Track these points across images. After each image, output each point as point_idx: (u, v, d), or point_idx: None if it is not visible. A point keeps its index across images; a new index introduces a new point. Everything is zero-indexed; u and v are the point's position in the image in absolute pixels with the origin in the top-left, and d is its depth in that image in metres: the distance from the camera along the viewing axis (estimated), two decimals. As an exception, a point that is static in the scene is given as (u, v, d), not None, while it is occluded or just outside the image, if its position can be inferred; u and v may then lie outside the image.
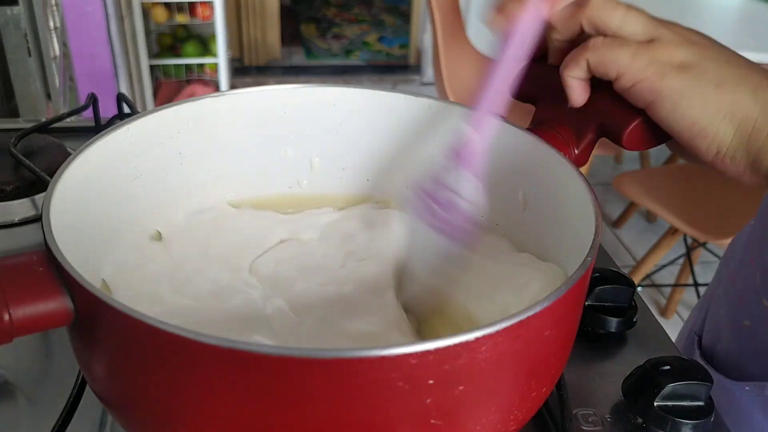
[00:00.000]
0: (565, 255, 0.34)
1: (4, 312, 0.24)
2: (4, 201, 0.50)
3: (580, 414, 0.36)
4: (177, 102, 0.37)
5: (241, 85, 2.75)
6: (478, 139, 0.33)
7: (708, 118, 0.33)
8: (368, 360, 0.22)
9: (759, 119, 0.32)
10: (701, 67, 0.33)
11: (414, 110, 0.40)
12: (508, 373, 0.25)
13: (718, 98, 0.32)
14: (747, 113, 0.32)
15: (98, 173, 0.33)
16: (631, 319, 0.42)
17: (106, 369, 0.26)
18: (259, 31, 2.87)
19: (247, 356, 0.21)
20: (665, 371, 0.35)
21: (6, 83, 0.89)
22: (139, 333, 0.23)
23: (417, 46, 3.06)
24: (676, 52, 0.33)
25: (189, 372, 0.23)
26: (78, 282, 0.24)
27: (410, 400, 0.23)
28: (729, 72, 0.33)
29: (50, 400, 0.36)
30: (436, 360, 0.22)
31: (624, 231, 2.01)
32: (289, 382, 0.22)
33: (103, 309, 0.23)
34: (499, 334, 0.23)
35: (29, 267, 0.25)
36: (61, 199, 0.29)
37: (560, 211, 0.34)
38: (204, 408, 0.24)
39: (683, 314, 1.72)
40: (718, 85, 0.32)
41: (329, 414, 0.23)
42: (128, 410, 0.27)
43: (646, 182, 1.46)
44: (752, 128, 0.32)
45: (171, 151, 0.38)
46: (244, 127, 0.40)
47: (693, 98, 0.33)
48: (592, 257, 0.27)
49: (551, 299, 0.24)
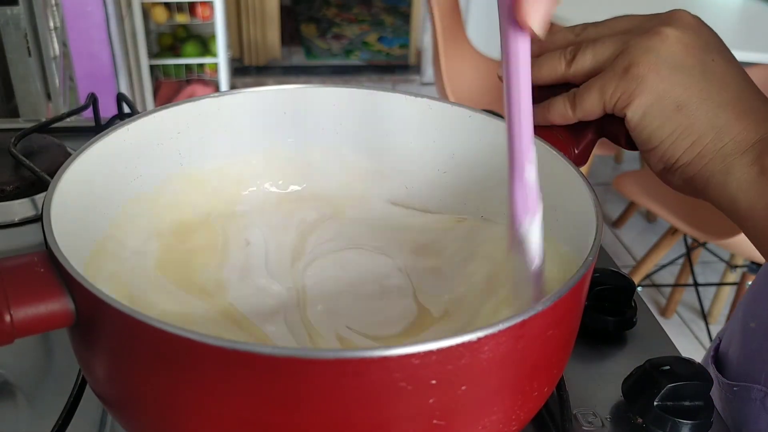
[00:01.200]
0: (565, 254, 0.34)
1: (5, 313, 0.24)
2: (5, 201, 0.50)
3: (579, 414, 0.36)
4: (176, 102, 0.37)
5: (241, 85, 2.76)
6: (529, 178, 0.30)
7: (661, 138, 0.34)
8: (371, 360, 0.22)
9: (709, 144, 0.33)
10: (669, 79, 0.33)
11: (413, 110, 0.40)
12: (511, 373, 0.25)
13: (675, 120, 0.33)
14: (699, 137, 0.33)
15: (98, 174, 0.33)
16: (631, 319, 0.42)
17: (107, 369, 0.26)
18: (259, 31, 2.87)
19: (248, 357, 0.21)
20: (665, 371, 0.35)
21: (6, 83, 0.89)
22: (140, 334, 0.23)
23: (417, 46, 3.06)
24: (641, 65, 0.33)
25: (191, 373, 0.23)
26: (79, 283, 0.24)
27: (413, 400, 0.23)
28: (697, 88, 0.33)
29: (50, 399, 0.36)
30: (439, 360, 0.22)
31: (624, 231, 2.01)
32: (291, 383, 0.22)
33: (105, 310, 0.23)
34: (502, 333, 0.23)
35: (30, 268, 0.25)
36: (62, 200, 0.29)
37: (561, 211, 0.34)
38: (205, 408, 0.24)
39: (683, 314, 1.72)
40: (678, 107, 0.33)
41: (332, 414, 0.23)
42: (129, 410, 0.27)
43: (646, 182, 1.46)
44: (698, 153, 0.33)
45: (171, 151, 0.38)
46: (244, 128, 0.40)
47: (651, 119, 0.34)
48: (593, 257, 0.27)
49: (553, 299, 0.24)
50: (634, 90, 0.33)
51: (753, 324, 0.41)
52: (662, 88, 0.33)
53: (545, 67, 0.36)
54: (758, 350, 0.40)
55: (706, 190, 0.33)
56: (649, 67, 0.33)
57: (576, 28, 0.37)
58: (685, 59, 0.33)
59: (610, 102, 0.34)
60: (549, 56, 0.36)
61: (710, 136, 0.33)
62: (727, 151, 0.32)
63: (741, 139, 0.32)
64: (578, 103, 0.35)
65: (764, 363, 0.39)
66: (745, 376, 0.40)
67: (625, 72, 0.33)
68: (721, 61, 0.34)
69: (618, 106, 0.34)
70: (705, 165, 0.33)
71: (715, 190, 0.33)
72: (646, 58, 0.33)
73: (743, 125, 0.32)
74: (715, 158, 0.32)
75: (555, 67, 0.36)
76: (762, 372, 0.39)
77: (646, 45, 0.33)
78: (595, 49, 0.35)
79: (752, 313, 0.42)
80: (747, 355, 0.41)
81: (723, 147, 0.32)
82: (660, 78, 0.33)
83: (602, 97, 0.34)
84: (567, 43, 0.37)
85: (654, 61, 0.33)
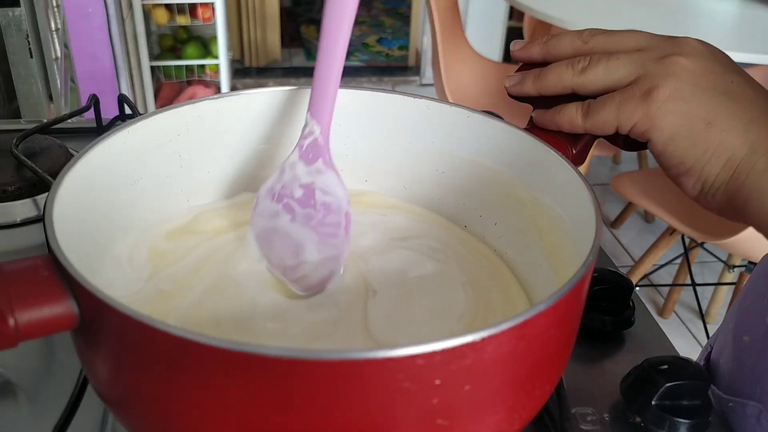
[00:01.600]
0: (565, 255, 0.34)
1: (9, 317, 0.24)
2: (6, 201, 0.51)
3: (578, 413, 0.36)
4: (177, 104, 0.37)
5: (242, 86, 2.75)
6: (320, 129, 0.35)
7: (695, 158, 0.33)
8: (375, 361, 0.22)
9: (744, 160, 0.32)
10: (694, 101, 0.32)
11: (413, 111, 0.40)
12: (513, 372, 0.25)
13: (707, 138, 0.32)
14: (733, 153, 0.32)
15: (99, 176, 0.33)
16: (629, 319, 0.42)
17: (109, 370, 0.26)
18: (260, 32, 2.87)
19: (252, 358, 0.22)
20: (663, 371, 0.35)
21: (8, 84, 0.89)
22: (144, 336, 0.23)
23: (416, 48, 3.06)
24: (663, 88, 0.33)
25: (195, 373, 0.23)
26: (83, 285, 0.24)
27: (417, 400, 0.23)
28: (723, 107, 0.32)
29: (52, 399, 0.36)
30: (443, 360, 0.22)
31: (622, 231, 2.01)
32: (295, 384, 0.22)
33: (109, 312, 0.23)
34: (505, 333, 0.23)
35: (33, 271, 0.25)
36: (63, 203, 0.29)
37: (559, 211, 0.35)
38: (209, 409, 0.24)
39: (681, 314, 1.73)
40: (708, 124, 0.32)
41: (336, 415, 0.23)
42: (131, 410, 0.27)
43: (644, 183, 1.46)
44: (735, 169, 0.32)
45: (171, 153, 0.38)
46: (245, 129, 0.40)
47: (681, 139, 0.33)
48: (593, 257, 0.27)
49: (554, 299, 0.24)
50: (656, 113, 0.33)
51: (746, 338, 0.41)
52: (688, 108, 0.32)
53: (552, 75, 0.36)
54: (752, 366, 0.39)
55: (745, 211, 0.32)
56: (671, 91, 0.33)
57: (583, 33, 0.37)
58: (706, 83, 0.33)
59: (626, 122, 0.33)
60: (557, 65, 0.36)
61: (744, 151, 0.32)
62: (762, 167, 0.32)
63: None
64: (591, 114, 0.35)
65: (759, 380, 0.38)
66: (739, 390, 0.40)
67: (647, 95, 0.33)
68: (741, 82, 0.34)
69: (637, 129, 0.33)
70: (743, 183, 0.32)
71: (756, 210, 0.32)
72: (667, 82, 0.33)
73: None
74: (752, 176, 0.32)
75: (561, 76, 0.36)
76: (756, 389, 0.38)
77: (665, 71, 0.33)
78: (608, 65, 0.34)
79: (745, 327, 0.41)
80: (740, 369, 0.41)
81: (757, 162, 0.32)
82: (684, 100, 0.32)
83: (618, 116, 0.34)
84: (573, 48, 0.36)
85: (675, 85, 0.33)
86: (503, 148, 0.38)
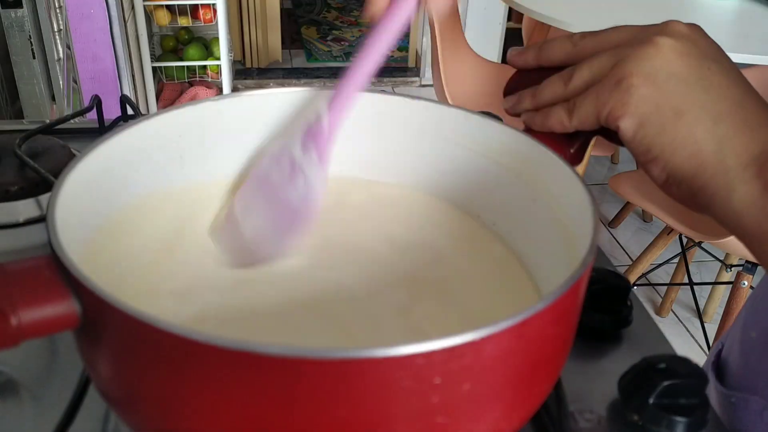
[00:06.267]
0: (564, 254, 0.34)
1: (12, 317, 0.24)
2: (9, 201, 0.51)
3: (576, 411, 0.37)
4: (178, 105, 0.37)
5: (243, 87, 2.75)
6: (328, 121, 0.35)
7: (661, 147, 0.33)
8: (375, 360, 0.22)
9: (711, 155, 0.32)
10: (665, 87, 0.32)
11: (412, 112, 0.40)
12: (513, 370, 0.26)
13: (674, 128, 0.32)
14: (700, 147, 0.32)
15: (102, 176, 0.33)
16: (626, 318, 0.42)
17: (111, 369, 0.26)
18: (261, 33, 2.87)
19: (254, 357, 0.22)
20: (661, 369, 0.35)
21: (11, 85, 0.89)
22: (147, 335, 0.23)
23: (416, 49, 3.06)
24: (635, 74, 0.33)
25: (196, 372, 0.23)
26: (85, 285, 0.24)
27: (417, 399, 0.23)
28: (694, 97, 0.32)
29: (54, 397, 0.36)
30: (443, 359, 0.22)
31: (620, 231, 2.01)
32: (296, 383, 0.22)
33: (111, 311, 0.23)
34: (504, 332, 0.23)
35: (36, 271, 0.25)
36: (66, 203, 0.29)
37: (558, 211, 0.35)
38: (210, 408, 0.24)
39: (678, 313, 1.73)
40: (677, 113, 0.32)
41: (336, 414, 0.23)
42: (133, 409, 0.27)
43: (641, 183, 1.46)
44: (700, 164, 0.32)
45: (173, 153, 0.38)
46: (245, 130, 0.40)
47: (649, 126, 0.33)
48: (591, 256, 0.28)
49: (554, 297, 0.25)
50: (628, 100, 0.33)
51: (753, 333, 0.41)
52: (659, 96, 0.32)
53: (546, 92, 0.36)
54: (758, 361, 0.39)
55: (710, 207, 0.32)
56: (644, 77, 0.32)
57: (574, 37, 0.37)
58: (681, 68, 0.32)
59: (603, 111, 0.34)
60: (549, 82, 0.36)
61: (711, 147, 0.31)
62: (729, 164, 0.31)
63: (742, 152, 0.31)
64: (575, 111, 0.35)
65: (764, 374, 0.38)
66: (744, 385, 0.40)
67: (618, 83, 0.33)
68: (718, 70, 0.33)
69: (610, 117, 0.33)
70: (708, 180, 0.32)
71: (720, 207, 0.32)
72: (640, 68, 0.32)
73: (744, 136, 0.31)
74: (718, 172, 0.31)
75: (555, 91, 0.36)
76: (761, 383, 0.38)
77: (640, 55, 0.33)
78: (591, 65, 0.35)
79: (753, 322, 0.41)
80: (747, 364, 0.41)
81: (724, 159, 0.31)
82: (656, 87, 0.32)
83: (597, 106, 0.34)
84: (564, 52, 0.37)
85: (648, 71, 0.32)
86: (501, 148, 0.38)
